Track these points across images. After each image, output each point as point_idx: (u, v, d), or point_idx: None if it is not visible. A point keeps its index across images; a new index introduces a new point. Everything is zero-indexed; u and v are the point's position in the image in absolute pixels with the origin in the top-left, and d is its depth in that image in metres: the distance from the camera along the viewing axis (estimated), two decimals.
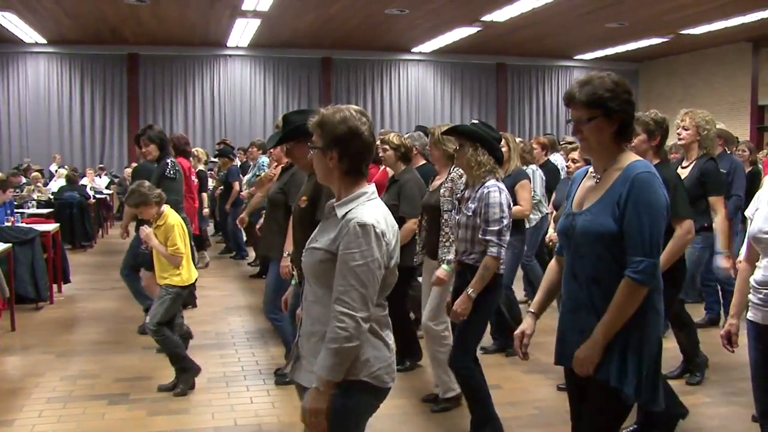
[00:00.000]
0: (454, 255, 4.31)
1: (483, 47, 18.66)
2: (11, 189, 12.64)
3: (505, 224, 3.99)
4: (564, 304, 2.73)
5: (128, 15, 14.91)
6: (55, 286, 8.48)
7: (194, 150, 10.32)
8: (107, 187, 16.90)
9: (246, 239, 11.34)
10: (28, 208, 11.33)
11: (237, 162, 11.90)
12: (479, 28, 15.91)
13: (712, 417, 4.72)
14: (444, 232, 4.65)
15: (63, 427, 4.54)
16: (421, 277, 5.29)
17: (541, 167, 7.54)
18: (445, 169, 4.85)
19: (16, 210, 9.46)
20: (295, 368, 2.66)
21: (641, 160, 2.64)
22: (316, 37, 17.59)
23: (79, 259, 11.22)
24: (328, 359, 2.37)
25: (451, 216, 4.50)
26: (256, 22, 15.63)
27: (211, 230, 13.02)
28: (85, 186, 14.55)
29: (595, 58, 20.54)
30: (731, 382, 5.33)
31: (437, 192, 4.79)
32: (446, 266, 4.50)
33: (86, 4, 13.89)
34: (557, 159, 8.30)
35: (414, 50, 19.86)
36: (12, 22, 15.31)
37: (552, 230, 6.34)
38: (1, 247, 6.85)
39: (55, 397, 5.08)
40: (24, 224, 8.35)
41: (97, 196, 14.62)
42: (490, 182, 4.05)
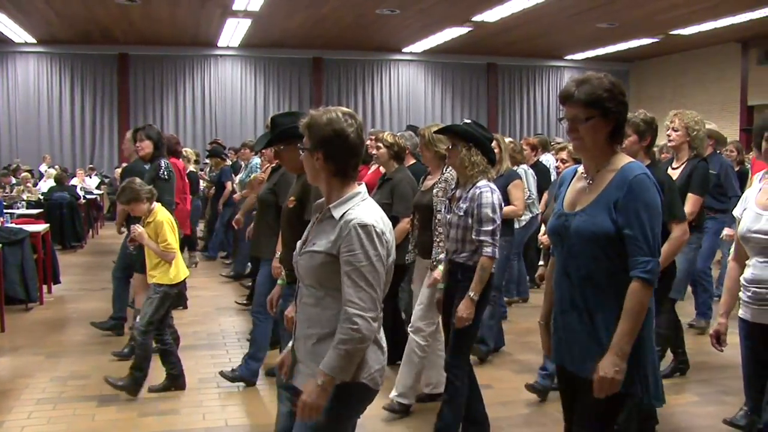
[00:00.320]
0: (445, 254, 4.31)
1: (474, 47, 18.69)
2: (0, 189, 12.65)
3: (497, 224, 4.01)
4: (557, 304, 2.73)
5: (118, 15, 14.85)
6: (45, 287, 8.44)
7: (184, 150, 10.27)
8: (97, 188, 16.83)
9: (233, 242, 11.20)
10: (18, 208, 11.26)
11: (229, 162, 11.87)
12: (470, 28, 15.92)
13: (702, 415, 4.75)
14: (438, 231, 4.65)
15: (53, 429, 4.52)
16: (413, 276, 5.29)
17: (531, 167, 7.55)
18: (438, 170, 4.84)
19: (5, 210, 9.39)
20: (292, 372, 2.63)
21: (635, 161, 2.64)
22: (307, 37, 17.57)
23: (69, 260, 11.16)
24: (339, 360, 2.36)
25: (443, 215, 4.49)
26: (247, 22, 15.60)
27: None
28: (76, 186, 14.50)
29: (585, 58, 20.59)
30: (721, 381, 5.37)
31: (430, 192, 4.79)
32: (441, 267, 4.46)
33: (76, 3, 13.83)
34: (548, 159, 8.32)
35: (405, 50, 19.86)
36: (2, 22, 15.22)
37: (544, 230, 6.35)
38: None
39: (45, 398, 5.06)
40: (14, 225, 8.29)
41: (88, 196, 14.56)
42: (482, 183, 4.05)
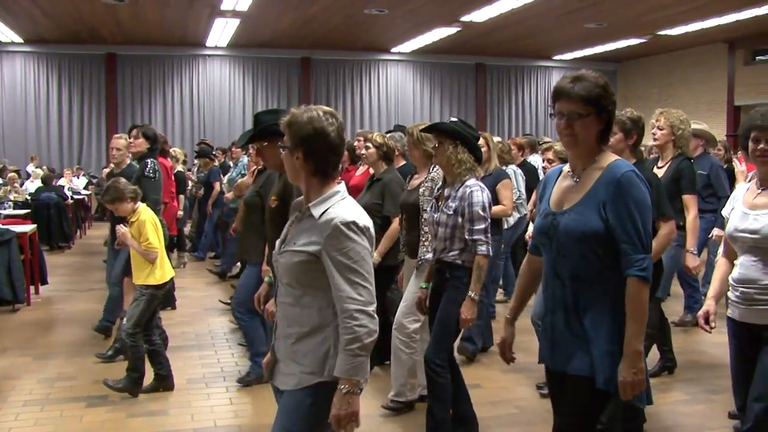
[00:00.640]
0: (432, 254, 4.30)
1: (462, 47, 18.72)
2: None
3: (489, 222, 4.02)
4: (546, 303, 2.72)
5: (106, 14, 14.78)
6: (32, 288, 8.39)
7: (172, 150, 10.23)
8: (85, 188, 16.75)
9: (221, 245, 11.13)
10: (5, 209, 11.20)
11: (217, 162, 11.83)
12: (458, 29, 15.95)
13: (691, 414, 4.77)
14: (424, 231, 4.64)
15: (40, 430, 4.50)
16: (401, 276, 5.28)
17: (519, 167, 7.56)
18: (425, 169, 4.84)
19: None
20: (273, 371, 2.63)
21: (621, 159, 2.65)
22: (295, 37, 17.54)
23: (56, 261, 11.11)
24: (352, 360, 2.35)
25: (430, 215, 4.49)
26: (236, 22, 15.57)
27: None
28: (63, 186, 14.42)
29: (574, 58, 20.67)
30: (709, 380, 5.39)
31: (416, 191, 4.77)
32: (424, 285, 4.36)
33: (63, 3, 13.75)
34: (536, 160, 8.33)
35: (393, 50, 19.87)
36: None
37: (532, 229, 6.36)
38: None
39: (33, 399, 5.03)
40: (0, 225, 8.25)
41: (75, 196, 14.50)
42: (471, 181, 4.05)
